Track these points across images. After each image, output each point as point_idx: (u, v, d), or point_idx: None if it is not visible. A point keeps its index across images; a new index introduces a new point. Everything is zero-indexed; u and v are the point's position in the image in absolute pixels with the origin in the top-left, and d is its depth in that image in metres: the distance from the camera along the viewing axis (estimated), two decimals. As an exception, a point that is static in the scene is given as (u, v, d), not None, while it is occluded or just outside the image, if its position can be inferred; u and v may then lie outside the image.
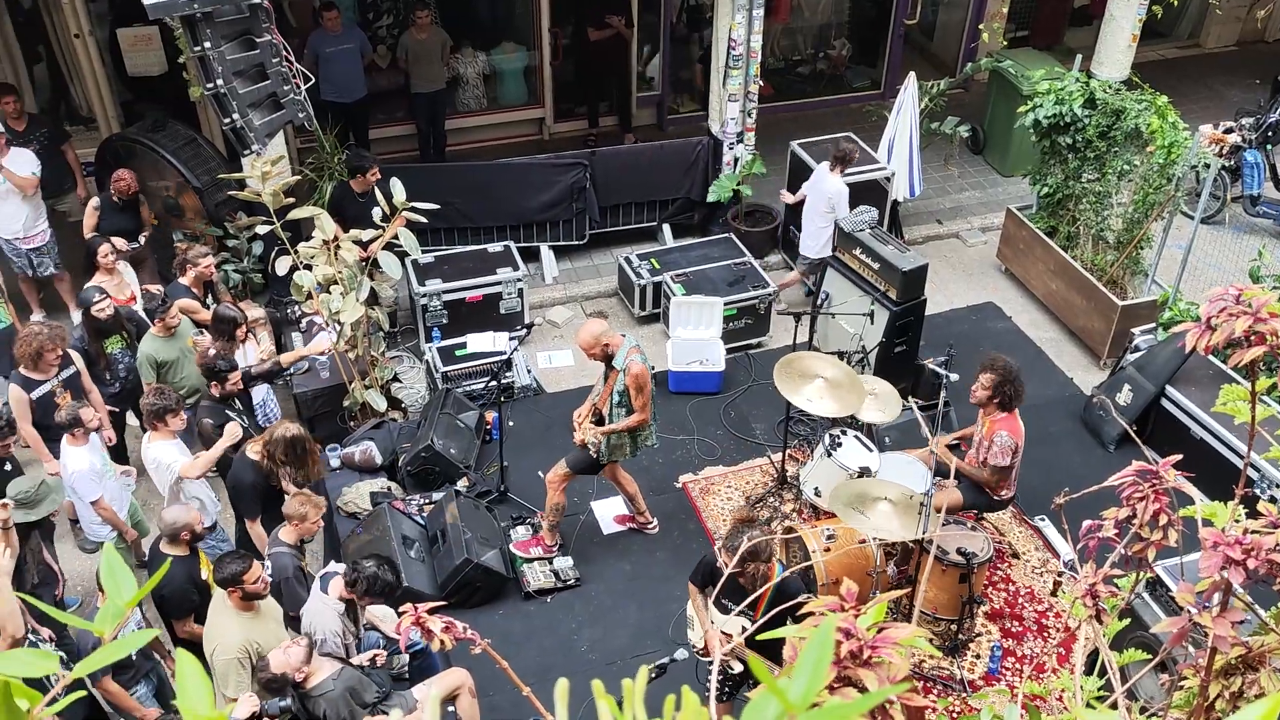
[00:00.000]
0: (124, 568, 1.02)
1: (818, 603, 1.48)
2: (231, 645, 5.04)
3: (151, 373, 6.79)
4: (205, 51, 6.57)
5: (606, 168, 9.67)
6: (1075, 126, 8.77)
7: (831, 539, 6.29)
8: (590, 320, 6.44)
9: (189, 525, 5.48)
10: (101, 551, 1.07)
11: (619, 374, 6.28)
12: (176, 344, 6.84)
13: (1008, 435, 6.18)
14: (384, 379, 7.85)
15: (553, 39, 11.25)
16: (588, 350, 6.31)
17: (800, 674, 0.73)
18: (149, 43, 9.71)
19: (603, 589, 6.89)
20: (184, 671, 0.87)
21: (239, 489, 6.12)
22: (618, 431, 6.40)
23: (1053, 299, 9.29)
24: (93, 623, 1.01)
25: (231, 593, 5.09)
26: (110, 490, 6.29)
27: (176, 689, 0.89)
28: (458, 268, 8.82)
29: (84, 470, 6.10)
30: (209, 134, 9.47)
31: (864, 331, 7.78)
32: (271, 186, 6.98)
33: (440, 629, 1.97)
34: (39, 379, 6.48)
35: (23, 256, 8.44)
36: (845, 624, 1.23)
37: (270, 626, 5.30)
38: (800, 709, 0.70)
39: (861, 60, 12.70)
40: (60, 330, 6.65)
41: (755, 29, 9.12)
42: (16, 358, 6.48)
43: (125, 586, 0.98)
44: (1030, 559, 7.11)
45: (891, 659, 1.26)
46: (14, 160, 8.15)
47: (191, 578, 5.55)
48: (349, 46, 9.87)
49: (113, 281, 7.59)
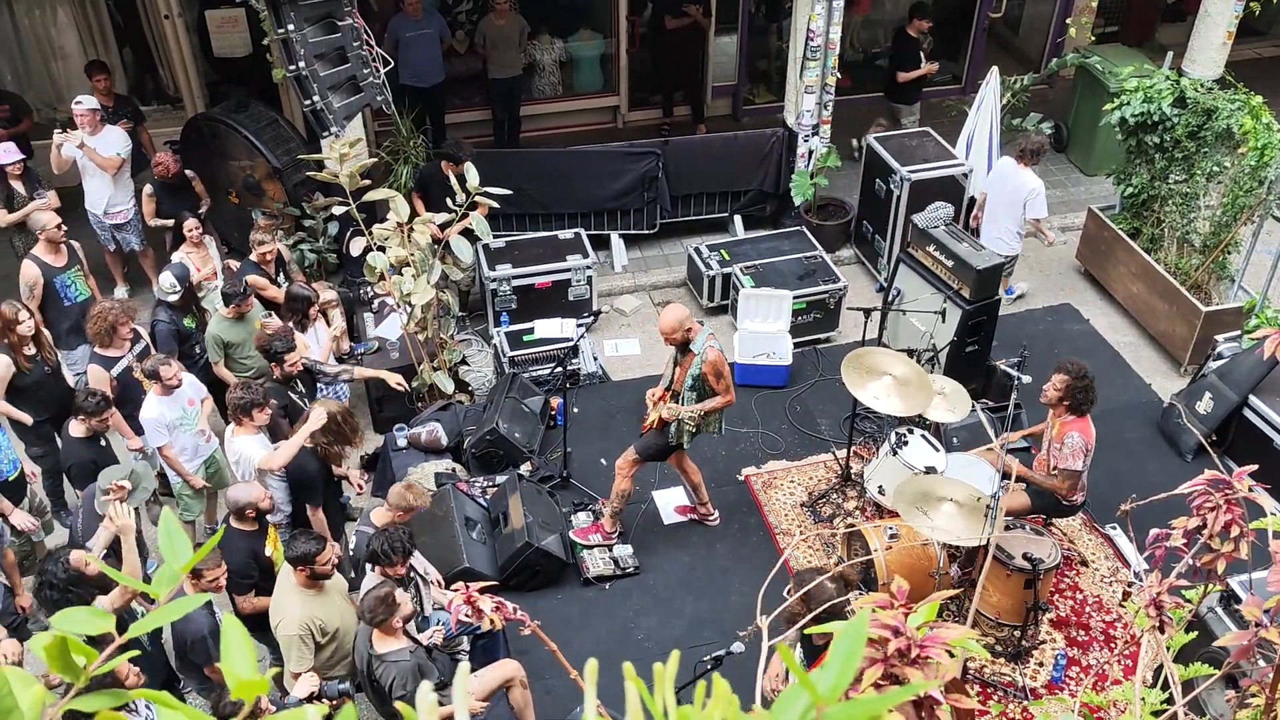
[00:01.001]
0: (181, 532, 1.04)
1: (868, 599, 1.45)
2: (293, 621, 5.13)
3: (219, 352, 6.94)
4: (289, 34, 6.70)
5: (679, 157, 9.64)
6: (1163, 126, 8.53)
7: (894, 538, 6.21)
8: (674, 305, 6.45)
9: (251, 504, 5.57)
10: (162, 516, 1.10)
11: (694, 359, 6.28)
12: (246, 327, 6.97)
13: (1079, 436, 6.04)
14: (452, 362, 7.94)
15: (630, 27, 11.25)
16: (669, 334, 6.32)
17: (831, 666, 0.72)
18: (235, 24, 9.92)
19: (661, 578, 6.89)
20: (228, 636, 0.89)
21: (304, 478, 6.18)
22: (700, 412, 6.39)
23: (1133, 302, 9.05)
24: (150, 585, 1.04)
25: (300, 570, 5.18)
26: (182, 442, 6.43)
27: (221, 653, 0.91)
28: (528, 253, 8.88)
29: (153, 418, 6.26)
30: (290, 115, 9.64)
31: (935, 330, 7.66)
32: (349, 168, 7.09)
33: (491, 608, 1.98)
34: (115, 355, 6.62)
35: (107, 231, 8.69)
36: (894, 622, 1.21)
37: (335, 603, 5.37)
38: (830, 701, 0.69)
39: (942, 53, 12.46)
40: (131, 305, 6.81)
41: (835, 20, 9.00)
42: (90, 336, 6.60)
43: (181, 551, 1.00)
44: (1100, 567, 6.95)
45: (940, 659, 1.24)
46: (106, 138, 8.39)
47: (254, 554, 5.63)
48: (428, 31, 9.97)
49: (198, 254, 7.78)
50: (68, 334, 7.49)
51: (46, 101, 10.73)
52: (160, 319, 7.07)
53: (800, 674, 0.70)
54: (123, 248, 8.85)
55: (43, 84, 10.71)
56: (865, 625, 0.78)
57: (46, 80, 10.68)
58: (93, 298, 7.45)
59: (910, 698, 1.30)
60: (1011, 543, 6.10)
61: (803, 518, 7.29)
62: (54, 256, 7.40)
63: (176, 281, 7.05)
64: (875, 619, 1.23)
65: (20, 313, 6.50)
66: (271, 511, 5.82)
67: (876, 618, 1.24)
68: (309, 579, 5.19)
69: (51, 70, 10.60)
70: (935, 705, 1.32)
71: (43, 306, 7.28)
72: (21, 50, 10.48)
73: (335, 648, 5.32)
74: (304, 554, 5.11)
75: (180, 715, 0.83)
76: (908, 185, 8.91)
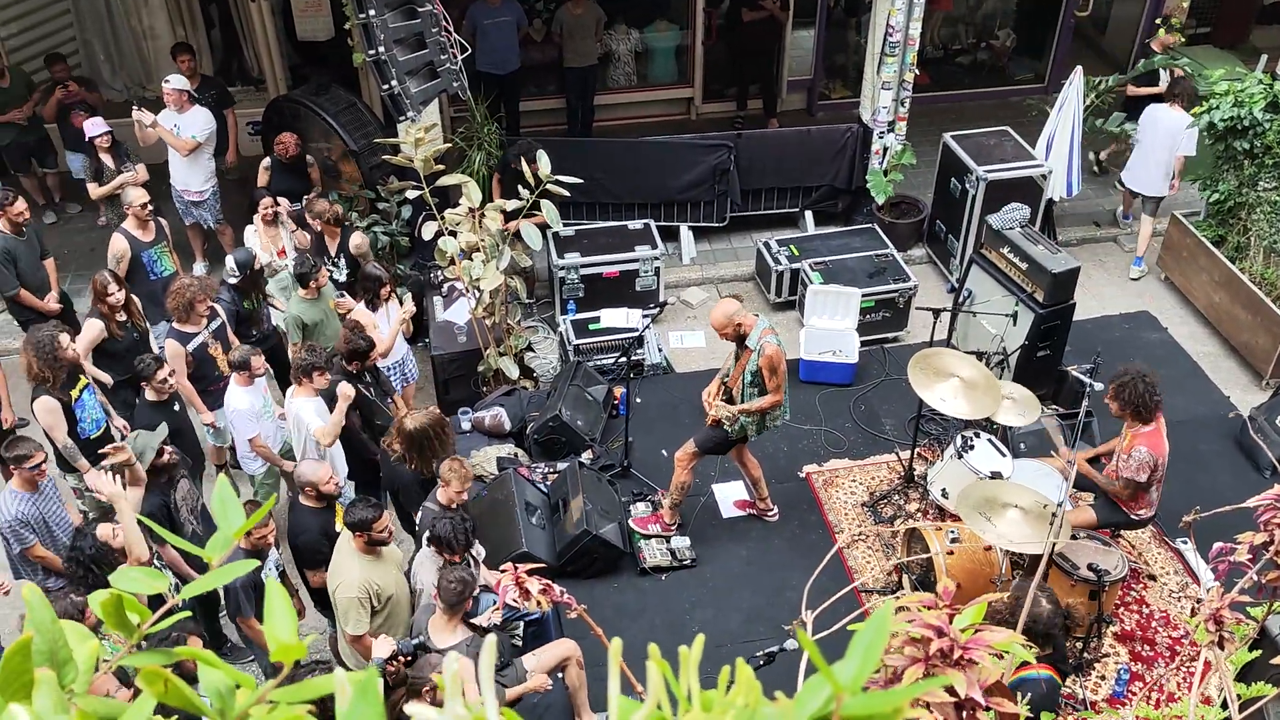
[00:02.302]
0: (234, 499, 1.07)
1: (911, 598, 1.43)
2: (352, 584, 5.24)
3: (299, 333, 7.10)
4: (369, 19, 6.80)
5: (751, 150, 9.60)
6: (1254, 131, 8.27)
7: (956, 542, 6.13)
8: (725, 299, 6.40)
9: (313, 483, 5.69)
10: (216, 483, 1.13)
11: (752, 354, 6.23)
12: (321, 305, 7.13)
13: (1146, 451, 5.89)
14: (518, 347, 8.00)
15: (706, 18, 11.22)
16: (720, 329, 6.28)
17: (852, 656, 0.71)
18: (319, 9, 10.10)
19: (718, 571, 6.88)
20: (272, 600, 0.91)
21: (399, 485, 6.29)
22: (751, 412, 6.36)
23: (1214, 312, 8.80)
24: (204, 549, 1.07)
25: (358, 536, 5.29)
26: (266, 430, 6.61)
27: (265, 615, 0.93)
28: (597, 243, 8.91)
29: (244, 409, 6.43)
30: (369, 99, 9.80)
31: (1006, 333, 7.53)
32: (423, 153, 7.17)
33: (538, 589, 1.99)
34: (191, 331, 6.80)
35: (186, 205, 8.93)
36: (937, 622, 1.19)
37: (391, 571, 5.47)
38: (851, 691, 0.68)
39: (1026, 52, 12.24)
40: (210, 282, 6.98)
41: (915, 15, 8.88)
42: (169, 310, 6.79)
43: (234, 516, 1.03)
44: (1168, 582, 6.77)
45: (984, 662, 1.22)
46: (192, 118, 8.61)
47: (325, 531, 5.74)
48: (507, 19, 10.04)
49: (270, 233, 7.95)
50: (149, 308, 7.71)
51: (137, 81, 11.04)
52: (222, 298, 7.25)
53: (821, 663, 0.70)
54: (200, 224, 9.09)
55: (134, 64, 11.02)
56: (889, 616, 0.77)
57: (137, 61, 10.99)
58: (176, 273, 7.65)
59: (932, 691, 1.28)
60: (1077, 552, 5.98)
61: (863, 517, 7.22)
62: (142, 231, 7.62)
63: (237, 267, 7.22)
64: (918, 619, 1.22)
65: (110, 284, 6.74)
66: (337, 496, 5.92)
67: (919, 617, 1.22)
68: (367, 544, 5.30)
69: (142, 50, 10.90)
70: (977, 708, 1.30)
71: (128, 279, 7.51)
72: (114, 31, 10.79)
73: (386, 615, 5.41)
74: (361, 519, 5.22)
75: (222, 673, 0.85)
76: (984, 185, 8.76)
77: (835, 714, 0.67)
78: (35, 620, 0.88)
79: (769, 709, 0.70)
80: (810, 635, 1.98)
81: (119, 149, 8.57)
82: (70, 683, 0.87)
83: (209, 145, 8.79)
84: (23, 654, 0.82)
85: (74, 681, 0.87)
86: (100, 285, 6.75)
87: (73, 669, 0.88)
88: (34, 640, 0.85)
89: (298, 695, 0.80)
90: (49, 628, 0.87)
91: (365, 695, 0.74)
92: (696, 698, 0.71)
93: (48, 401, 6.17)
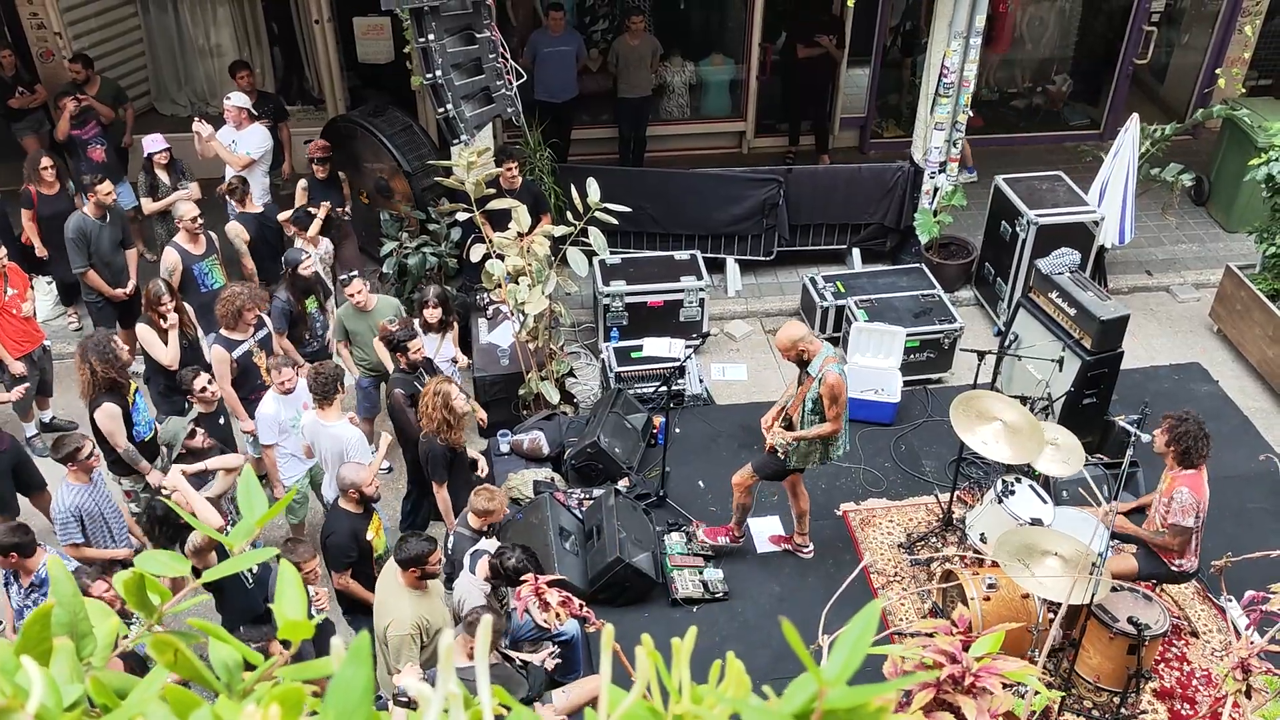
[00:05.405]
0: (259, 490, 1.09)
1: (926, 623, 1.42)
2: (405, 621, 5.19)
3: (341, 332, 7.35)
4: (429, 43, 6.92)
5: (801, 186, 9.60)
6: (1313, 184, 8.14)
7: (992, 588, 6.03)
8: (791, 322, 6.39)
9: (356, 485, 5.73)
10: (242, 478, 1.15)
11: (814, 381, 6.19)
12: (366, 320, 7.25)
13: (1189, 493, 5.76)
14: (560, 373, 8.04)
15: (761, 53, 11.28)
16: (784, 351, 6.26)
17: (838, 651, 0.72)
18: (380, 32, 10.29)
19: (750, 606, 6.83)
20: (283, 579, 0.93)
21: (430, 457, 6.35)
22: (808, 439, 6.32)
23: (1268, 366, 8.63)
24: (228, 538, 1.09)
25: (410, 571, 5.23)
26: (288, 445, 6.68)
27: (276, 595, 0.95)
28: (643, 271, 8.95)
29: (269, 415, 6.55)
30: (424, 122, 9.95)
31: (1052, 378, 7.44)
32: (475, 176, 7.26)
33: (557, 601, 1.99)
34: (238, 339, 6.92)
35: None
36: (950, 648, 1.18)
37: (436, 604, 5.45)
38: (834, 685, 0.68)
39: (1082, 97, 12.16)
40: (260, 292, 7.10)
41: (971, 57, 8.87)
42: (218, 317, 6.91)
43: (258, 506, 1.05)
44: (1210, 640, 6.61)
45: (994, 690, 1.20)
46: (249, 135, 8.80)
47: (355, 534, 5.78)
48: (566, 49, 10.17)
49: (306, 246, 8.08)
50: (200, 319, 7.85)
51: (201, 97, 11.31)
52: (279, 296, 7.37)
53: (806, 658, 0.70)
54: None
55: (199, 81, 11.30)
56: (876, 614, 0.77)
57: (201, 76, 11.27)
58: (226, 286, 7.79)
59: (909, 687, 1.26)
60: (1117, 605, 5.86)
61: (899, 559, 7.14)
62: (193, 245, 7.77)
63: (284, 263, 7.46)
64: (932, 644, 1.21)
65: (164, 294, 6.90)
66: (377, 499, 5.95)
67: (933, 643, 1.21)
68: (418, 579, 5.28)
69: (207, 67, 11.18)
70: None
71: (179, 291, 7.66)
72: (182, 48, 11.08)
73: (432, 648, 5.39)
74: (416, 554, 5.17)
75: (232, 649, 0.87)
76: (1034, 229, 8.69)
77: (818, 708, 0.67)
78: (57, 592, 0.91)
79: (756, 701, 0.70)
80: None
81: (175, 166, 8.76)
82: (89, 655, 0.89)
83: (264, 162, 8.96)
84: (42, 623, 0.85)
85: (93, 655, 0.89)
86: (154, 294, 6.90)
87: (92, 642, 0.90)
88: (55, 611, 0.88)
89: (303, 673, 0.81)
90: (70, 600, 0.89)
91: (356, 659, 0.75)
92: (687, 689, 0.71)
93: (110, 408, 6.29)
